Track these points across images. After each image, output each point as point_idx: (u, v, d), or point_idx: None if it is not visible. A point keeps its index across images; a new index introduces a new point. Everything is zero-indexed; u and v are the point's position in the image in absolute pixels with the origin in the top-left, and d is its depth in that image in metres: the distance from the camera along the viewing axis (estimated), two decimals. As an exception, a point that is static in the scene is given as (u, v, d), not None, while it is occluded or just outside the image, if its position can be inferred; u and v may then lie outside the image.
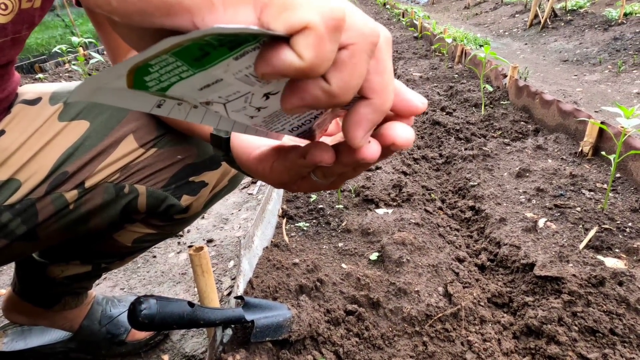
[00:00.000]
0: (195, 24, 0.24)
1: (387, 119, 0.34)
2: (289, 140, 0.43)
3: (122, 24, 0.29)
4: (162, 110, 0.28)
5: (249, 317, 0.87)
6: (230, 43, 0.22)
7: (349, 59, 0.25)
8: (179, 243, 1.67)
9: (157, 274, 1.50)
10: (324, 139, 0.40)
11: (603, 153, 1.55)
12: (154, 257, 1.59)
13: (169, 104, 0.28)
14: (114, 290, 1.43)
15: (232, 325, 0.93)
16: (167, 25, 0.25)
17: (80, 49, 4.16)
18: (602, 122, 1.66)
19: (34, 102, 0.77)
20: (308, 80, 0.25)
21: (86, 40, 3.81)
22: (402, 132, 0.32)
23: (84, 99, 0.23)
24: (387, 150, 0.33)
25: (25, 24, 0.68)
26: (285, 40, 0.23)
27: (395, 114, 0.33)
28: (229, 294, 1.36)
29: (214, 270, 1.50)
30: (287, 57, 0.23)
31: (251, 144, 0.46)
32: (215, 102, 0.28)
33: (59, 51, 3.72)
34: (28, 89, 0.80)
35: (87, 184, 0.74)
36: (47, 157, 0.72)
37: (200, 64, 0.23)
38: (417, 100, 0.33)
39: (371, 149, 0.31)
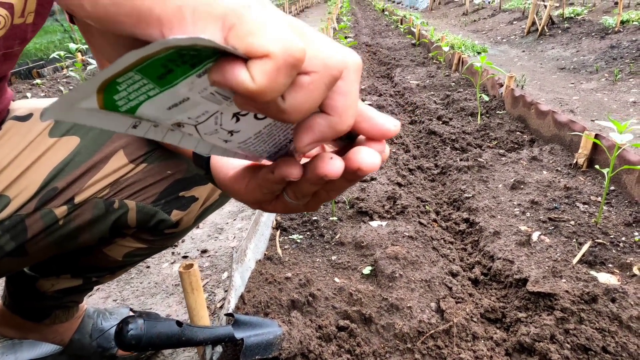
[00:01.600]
0: (164, 35, 0.25)
1: (358, 143, 0.34)
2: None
3: (96, 36, 0.29)
4: (138, 131, 0.28)
5: (238, 335, 0.87)
6: (192, 59, 0.23)
7: (307, 84, 0.26)
8: (172, 253, 1.67)
9: (150, 285, 1.49)
10: None
11: (597, 167, 1.55)
12: (148, 267, 1.59)
13: (145, 125, 0.28)
14: (106, 302, 1.42)
15: (223, 343, 0.93)
16: (137, 34, 0.25)
17: (79, 54, 4.16)
18: (596, 135, 1.66)
19: (25, 118, 0.77)
20: None
21: (84, 47, 3.81)
22: (368, 158, 0.32)
23: (58, 118, 0.24)
24: (354, 175, 0.33)
25: (17, 39, 0.68)
26: (243, 60, 0.24)
27: (368, 138, 0.34)
28: (221, 307, 1.35)
29: (207, 282, 1.49)
30: (241, 74, 0.24)
31: (228, 163, 0.47)
32: (186, 124, 0.29)
33: (57, 57, 3.72)
34: (20, 105, 0.80)
35: (77, 199, 0.74)
36: (37, 172, 0.72)
37: (166, 81, 0.24)
38: (388, 124, 0.34)
39: (333, 165, 0.31)
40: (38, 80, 3.92)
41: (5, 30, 0.64)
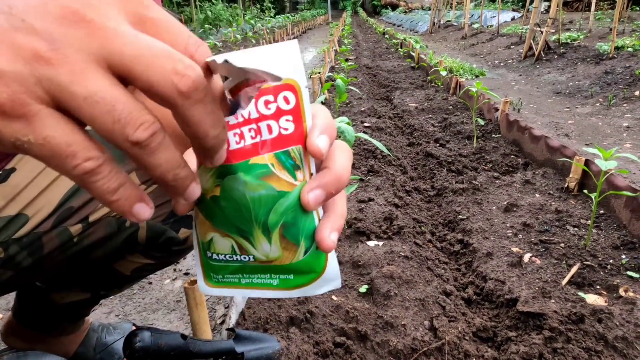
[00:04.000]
0: None
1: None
2: None
3: None
4: None
5: (239, 349, 0.91)
6: None
7: None
8: (174, 270, 1.71)
9: (152, 301, 1.53)
10: None
11: (585, 191, 1.61)
12: (150, 283, 1.63)
13: None
14: (109, 317, 1.46)
15: (223, 357, 0.97)
16: None
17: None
18: (586, 161, 1.72)
19: None
20: None
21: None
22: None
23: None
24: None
25: None
26: None
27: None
28: (222, 323, 1.39)
29: (208, 299, 1.53)
30: None
31: None
32: None
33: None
34: None
35: (91, 218, 0.79)
36: (54, 192, 0.77)
37: None
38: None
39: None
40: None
41: None
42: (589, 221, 1.61)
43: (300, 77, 0.30)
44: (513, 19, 12.84)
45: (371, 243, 1.53)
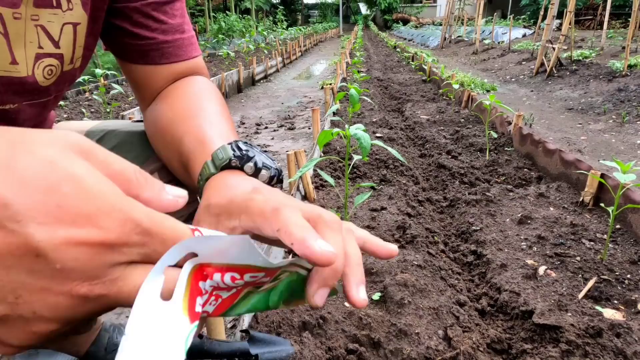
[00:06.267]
0: None
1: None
2: None
3: (142, 89, 0.36)
4: None
5: (253, 350, 0.90)
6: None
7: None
8: (186, 273, 1.71)
9: (163, 304, 1.53)
10: None
11: (602, 205, 1.59)
12: (161, 286, 1.63)
13: None
14: (120, 318, 1.46)
15: (237, 358, 0.96)
16: None
17: (101, 78, 4.34)
18: (602, 175, 1.71)
19: None
20: None
21: (108, 72, 3.98)
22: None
23: None
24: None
25: (67, 82, 0.74)
26: None
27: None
28: (232, 327, 1.38)
29: (218, 302, 1.53)
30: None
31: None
32: None
33: (81, 80, 3.89)
34: (64, 127, 0.87)
35: None
36: None
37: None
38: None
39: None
40: (61, 102, 4.07)
41: (56, 77, 0.69)
42: (605, 235, 1.59)
43: (265, 262, 0.29)
44: (524, 35, 12.87)
45: (384, 251, 1.52)
